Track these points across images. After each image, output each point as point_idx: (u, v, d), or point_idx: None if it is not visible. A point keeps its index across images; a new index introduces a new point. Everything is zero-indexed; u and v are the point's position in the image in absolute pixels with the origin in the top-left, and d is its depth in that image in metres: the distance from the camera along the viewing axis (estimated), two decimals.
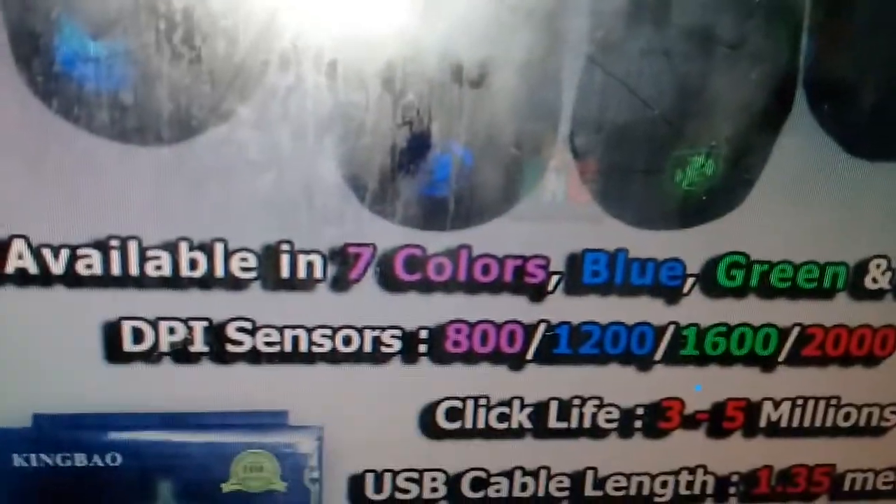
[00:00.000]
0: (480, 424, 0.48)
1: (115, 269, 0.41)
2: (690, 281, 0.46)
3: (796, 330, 0.49)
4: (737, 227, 0.46)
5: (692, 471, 0.51)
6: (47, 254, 0.41)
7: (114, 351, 0.43)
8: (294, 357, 0.45)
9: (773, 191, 0.45)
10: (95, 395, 0.44)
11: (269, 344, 0.44)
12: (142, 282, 0.42)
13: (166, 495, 0.46)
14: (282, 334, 0.44)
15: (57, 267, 0.41)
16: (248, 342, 0.44)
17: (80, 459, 0.44)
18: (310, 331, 0.44)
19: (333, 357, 0.45)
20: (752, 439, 0.51)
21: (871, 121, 0.45)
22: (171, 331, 0.43)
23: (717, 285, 0.47)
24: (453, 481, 0.49)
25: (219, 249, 0.42)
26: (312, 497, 0.47)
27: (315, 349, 0.45)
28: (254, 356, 0.44)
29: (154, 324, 0.43)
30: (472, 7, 0.40)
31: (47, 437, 0.44)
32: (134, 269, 0.42)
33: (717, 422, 0.50)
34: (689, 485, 0.51)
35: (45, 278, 0.41)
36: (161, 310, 0.43)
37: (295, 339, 0.44)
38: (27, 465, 0.44)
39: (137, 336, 0.43)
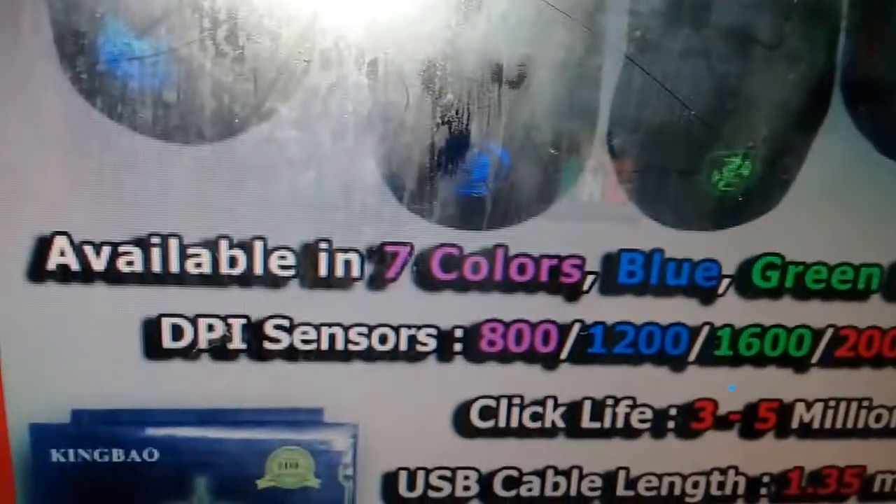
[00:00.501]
0: (514, 423, 0.48)
1: (156, 267, 0.42)
2: (726, 282, 0.46)
3: (830, 331, 0.48)
4: (772, 228, 0.46)
5: (724, 471, 0.51)
6: (89, 251, 0.41)
7: (153, 347, 0.43)
8: (330, 355, 0.45)
9: (808, 192, 0.45)
10: (133, 392, 0.44)
11: (305, 341, 0.44)
12: (182, 279, 0.42)
13: (202, 491, 0.46)
14: (319, 332, 0.44)
15: (98, 264, 0.41)
16: (285, 339, 0.44)
17: (117, 455, 0.45)
18: (346, 329, 0.44)
19: (369, 355, 0.45)
20: (784, 440, 0.51)
21: None
22: (210, 328, 0.43)
23: (752, 286, 0.47)
24: (486, 479, 0.49)
25: (258, 247, 0.42)
26: (346, 494, 0.47)
27: (351, 347, 0.45)
28: (291, 353, 0.44)
29: (193, 321, 0.43)
30: (511, 8, 0.40)
31: (86, 433, 0.44)
32: (174, 267, 0.42)
33: (749, 422, 0.50)
34: (721, 485, 0.51)
35: (86, 275, 0.42)
36: (200, 307, 0.43)
37: (331, 337, 0.44)
38: (65, 461, 0.45)
39: (176, 333, 0.43)
